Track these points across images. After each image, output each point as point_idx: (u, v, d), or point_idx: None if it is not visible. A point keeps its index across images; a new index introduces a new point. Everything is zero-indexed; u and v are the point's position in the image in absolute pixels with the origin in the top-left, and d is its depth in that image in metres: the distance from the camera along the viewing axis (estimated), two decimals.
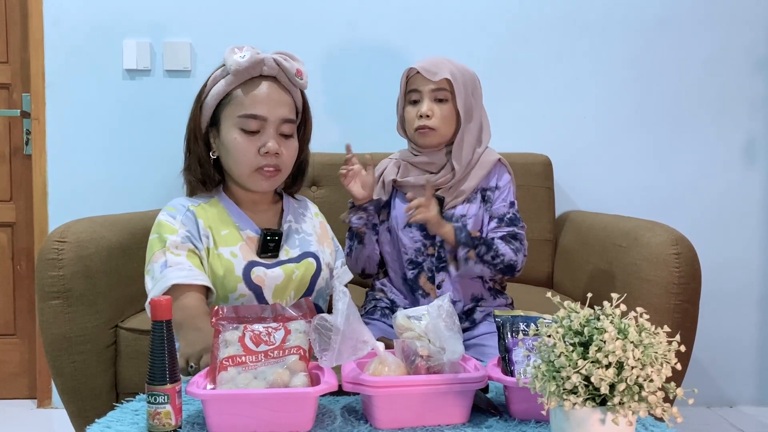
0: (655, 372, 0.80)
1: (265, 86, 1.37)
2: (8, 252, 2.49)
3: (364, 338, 1.00)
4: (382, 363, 1.01)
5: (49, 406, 2.43)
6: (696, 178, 2.47)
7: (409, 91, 1.59)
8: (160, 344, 0.94)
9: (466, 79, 1.58)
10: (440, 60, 1.58)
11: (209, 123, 1.41)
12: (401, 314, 1.12)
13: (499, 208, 1.60)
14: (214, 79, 1.39)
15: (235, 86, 1.37)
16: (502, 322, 1.12)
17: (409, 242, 1.60)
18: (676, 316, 1.60)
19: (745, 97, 2.46)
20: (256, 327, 1.03)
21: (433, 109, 1.55)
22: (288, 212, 1.50)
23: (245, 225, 1.41)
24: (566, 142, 2.45)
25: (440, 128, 1.56)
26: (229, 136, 1.36)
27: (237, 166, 1.38)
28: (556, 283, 2.25)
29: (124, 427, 0.96)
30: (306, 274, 1.43)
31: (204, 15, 2.38)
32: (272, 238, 1.40)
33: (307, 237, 1.50)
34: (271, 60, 1.37)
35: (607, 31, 2.44)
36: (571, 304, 0.88)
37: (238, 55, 1.34)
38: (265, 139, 1.36)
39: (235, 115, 1.36)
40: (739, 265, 2.47)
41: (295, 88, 1.43)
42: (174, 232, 1.34)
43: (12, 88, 2.46)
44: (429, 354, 1.02)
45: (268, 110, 1.36)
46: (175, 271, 1.29)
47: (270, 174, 1.38)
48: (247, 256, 1.37)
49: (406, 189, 1.61)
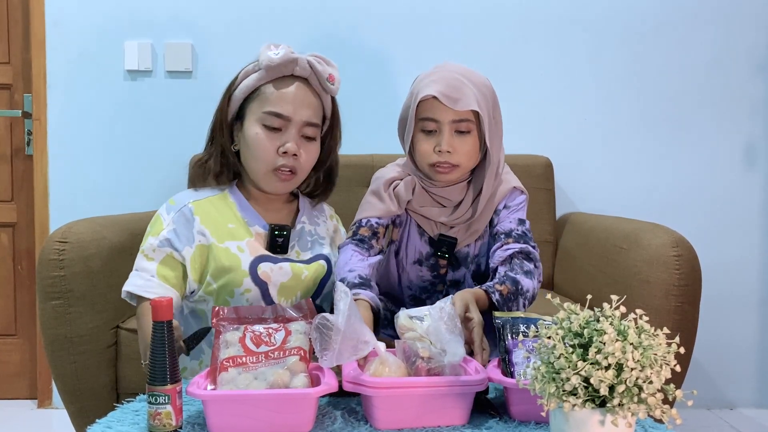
0: (654, 374, 0.80)
1: (295, 86, 1.36)
2: (9, 252, 2.49)
3: (366, 338, 0.99)
4: (383, 363, 1.01)
5: (50, 406, 2.43)
6: (697, 180, 2.47)
7: (423, 119, 1.34)
8: (160, 345, 0.94)
9: (489, 104, 1.35)
10: (459, 80, 1.32)
11: (235, 116, 1.41)
12: (403, 314, 1.11)
13: (504, 225, 1.40)
14: (246, 72, 1.38)
15: (265, 82, 1.36)
16: (502, 323, 1.12)
17: (416, 279, 1.46)
18: (677, 317, 1.60)
19: (745, 100, 2.46)
20: (257, 328, 1.03)
21: (454, 144, 1.33)
22: (303, 213, 1.48)
23: (254, 221, 1.40)
24: (567, 143, 2.45)
25: (462, 164, 1.35)
26: (251, 131, 1.36)
27: (255, 162, 1.37)
28: (557, 285, 2.25)
29: (124, 427, 0.96)
30: (316, 277, 1.41)
31: (205, 16, 2.38)
32: (280, 233, 1.39)
33: (320, 240, 1.48)
34: (305, 61, 1.36)
35: (608, 33, 2.44)
36: (571, 306, 0.88)
37: (273, 52, 1.34)
38: (286, 138, 1.35)
39: (260, 110, 1.35)
40: (740, 267, 2.47)
41: (326, 93, 1.42)
42: (158, 232, 1.33)
43: (13, 89, 2.46)
44: (430, 356, 1.01)
45: (293, 110, 1.35)
46: (135, 278, 1.31)
47: (285, 177, 1.37)
48: (254, 251, 1.35)
49: (417, 217, 1.45)
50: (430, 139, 1.35)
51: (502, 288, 1.28)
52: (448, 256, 1.42)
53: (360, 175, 2.24)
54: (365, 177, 1.60)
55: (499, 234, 1.39)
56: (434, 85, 1.31)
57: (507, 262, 1.34)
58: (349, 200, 1.85)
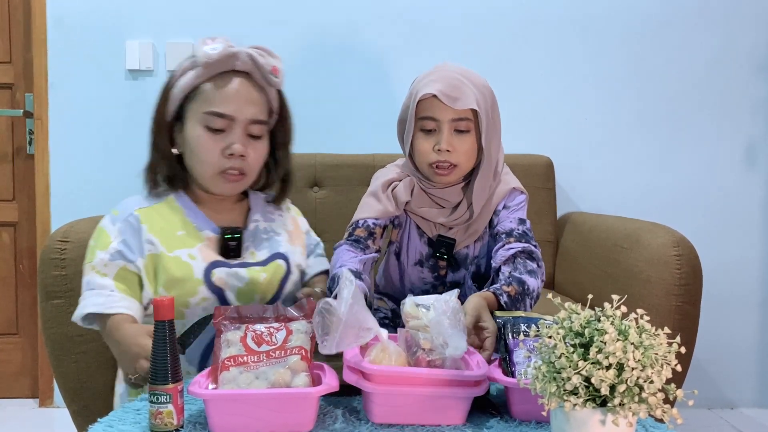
0: (655, 373, 0.80)
1: (236, 83, 1.27)
2: (11, 251, 2.49)
3: (368, 325, 0.99)
4: (384, 351, 1.01)
5: (51, 405, 2.44)
6: (697, 180, 2.47)
7: (423, 118, 1.34)
8: (162, 344, 0.94)
9: (488, 104, 1.35)
10: (459, 80, 1.33)
11: (174, 117, 1.32)
12: (410, 301, 1.08)
13: (505, 224, 1.39)
14: (183, 70, 1.29)
15: (204, 80, 1.27)
16: (503, 322, 1.12)
17: (417, 281, 1.46)
18: (677, 317, 1.60)
19: (746, 99, 2.46)
20: (258, 327, 1.03)
21: (453, 143, 1.33)
22: (255, 210, 1.40)
23: (204, 225, 1.31)
24: (568, 143, 2.45)
25: (462, 164, 1.35)
26: (193, 133, 1.27)
27: (200, 165, 1.29)
28: (558, 285, 2.25)
29: (126, 426, 0.96)
30: (274, 278, 1.33)
31: (207, 15, 2.38)
32: (232, 237, 1.31)
33: (276, 237, 1.39)
34: (245, 55, 1.27)
35: (609, 32, 2.44)
36: (571, 306, 0.88)
37: (210, 47, 1.25)
38: (231, 139, 1.26)
39: (201, 111, 1.26)
40: (741, 267, 2.48)
41: (270, 87, 1.33)
42: (106, 246, 1.25)
43: (15, 88, 2.46)
44: (431, 347, 1.01)
45: (237, 109, 1.26)
46: (93, 296, 1.21)
47: (234, 178, 1.29)
48: (207, 257, 1.27)
49: (417, 218, 1.45)
50: (430, 138, 1.35)
51: (509, 289, 1.27)
52: (447, 257, 1.42)
53: (361, 175, 2.24)
54: (366, 177, 1.60)
55: (500, 234, 1.38)
56: (434, 84, 1.31)
57: (510, 262, 1.33)
58: (350, 200, 1.85)
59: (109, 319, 1.19)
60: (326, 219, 2.23)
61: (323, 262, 1.49)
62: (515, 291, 1.27)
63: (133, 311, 1.22)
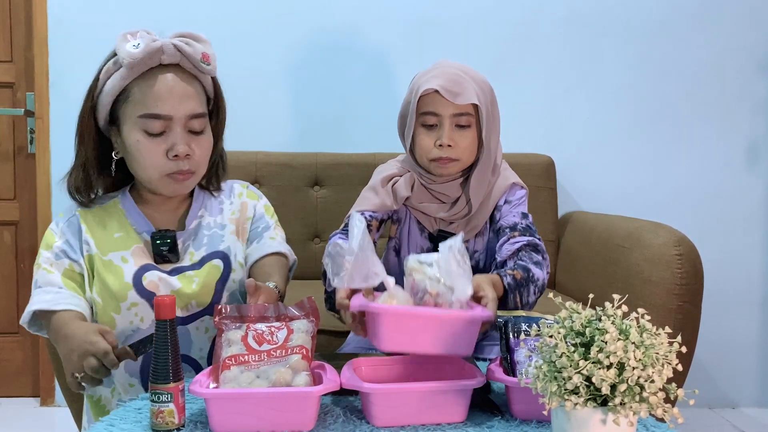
0: (656, 373, 0.80)
1: (167, 78, 1.18)
2: (12, 250, 2.50)
3: (376, 270, 1.01)
4: (391, 296, 1.03)
5: (52, 404, 2.44)
6: (698, 180, 2.47)
7: (424, 113, 1.35)
8: (163, 343, 0.94)
9: (488, 99, 1.37)
10: (459, 75, 1.34)
11: (108, 121, 1.23)
12: (413, 258, 1.07)
13: (508, 219, 1.40)
14: (107, 71, 1.20)
15: (132, 80, 1.18)
16: (504, 322, 1.12)
17: None
18: (678, 316, 1.60)
19: (747, 99, 2.46)
20: (259, 326, 1.03)
21: (454, 137, 1.34)
22: (200, 206, 1.31)
23: (142, 227, 1.26)
24: (569, 142, 2.45)
25: (462, 158, 1.36)
26: (131, 139, 1.19)
27: (143, 171, 1.21)
28: (559, 284, 2.25)
29: (127, 425, 0.96)
30: (208, 281, 1.25)
31: (208, 15, 2.38)
32: (163, 241, 1.23)
33: (219, 231, 1.30)
34: (171, 46, 1.17)
35: (610, 32, 2.44)
36: (572, 305, 0.88)
37: (131, 44, 1.15)
38: (173, 140, 1.18)
39: (135, 114, 1.17)
40: (742, 267, 2.47)
41: (204, 75, 1.23)
42: (50, 246, 1.22)
43: (16, 87, 2.46)
44: (438, 292, 1.03)
45: (173, 107, 1.17)
46: (41, 294, 1.17)
47: (183, 177, 1.21)
48: (139, 261, 1.22)
49: (417, 214, 1.45)
50: (431, 133, 1.36)
51: (514, 272, 1.28)
52: None
53: (362, 173, 2.23)
54: (367, 175, 1.59)
55: (504, 228, 1.39)
56: (435, 80, 1.33)
57: (515, 255, 1.34)
58: (350, 199, 1.84)
59: (56, 316, 1.15)
60: (327, 218, 2.23)
61: (269, 245, 1.33)
62: (520, 276, 1.28)
63: (82, 309, 1.18)
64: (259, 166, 2.26)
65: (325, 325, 1.71)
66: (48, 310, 1.16)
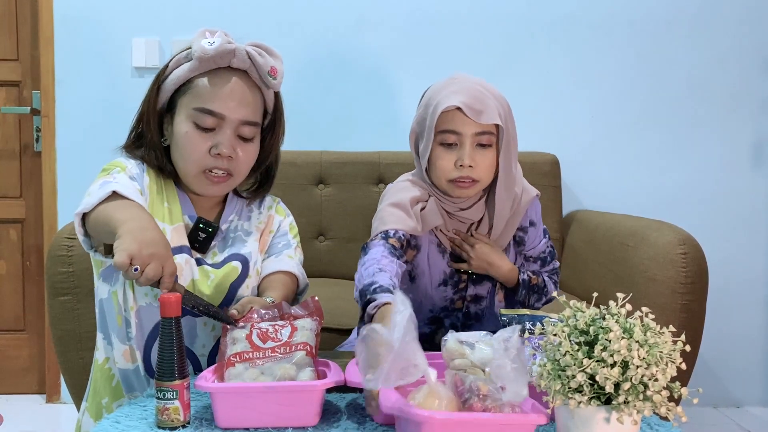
0: (660, 371, 0.80)
1: (232, 81, 1.20)
2: (18, 248, 2.51)
3: (416, 362, 0.85)
4: (433, 395, 0.86)
5: (58, 401, 2.45)
6: (703, 178, 2.46)
7: (443, 131, 1.28)
8: (169, 341, 0.94)
9: (508, 117, 1.31)
10: (481, 92, 1.28)
11: (165, 108, 1.26)
12: (453, 338, 0.96)
13: (538, 248, 1.42)
14: (178, 61, 1.23)
15: (199, 74, 1.21)
16: (508, 320, 1.13)
17: (439, 300, 1.38)
18: (683, 315, 1.60)
19: (753, 97, 2.45)
20: (263, 325, 1.04)
21: (476, 158, 1.27)
22: (232, 211, 1.32)
23: (187, 210, 1.26)
24: (574, 141, 2.45)
25: (482, 179, 1.30)
26: (181, 128, 1.21)
27: (184, 162, 1.22)
28: (563, 282, 2.25)
29: (132, 422, 0.97)
30: (224, 281, 1.24)
31: (213, 13, 2.39)
32: (204, 229, 1.24)
33: (245, 236, 1.31)
34: (243, 52, 1.20)
35: (616, 29, 2.44)
36: (576, 304, 0.88)
37: (207, 41, 1.18)
38: (220, 139, 1.19)
39: (192, 106, 1.20)
40: (747, 265, 2.47)
41: (267, 88, 1.26)
42: (124, 168, 1.20)
43: (22, 86, 2.48)
44: (486, 394, 0.86)
45: (228, 108, 1.19)
46: (119, 185, 1.12)
47: (218, 179, 1.21)
48: (176, 240, 1.21)
49: (442, 237, 1.37)
50: (451, 153, 1.28)
51: (533, 276, 1.38)
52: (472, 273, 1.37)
53: (366, 172, 2.25)
54: (371, 174, 1.60)
55: (535, 259, 1.44)
56: (456, 96, 1.26)
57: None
58: (355, 198, 1.86)
59: (130, 202, 1.10)
60: (331, 216, 2.24)
61: (285, 263, 1.33)
62: (536, 281, 1.37)
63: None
64: None
65: (329, 323, 1.72)
66: (126, 196, 1.10)
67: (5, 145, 2.49)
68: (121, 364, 1.22)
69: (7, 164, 2.49)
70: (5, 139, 2.49)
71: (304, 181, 2.26)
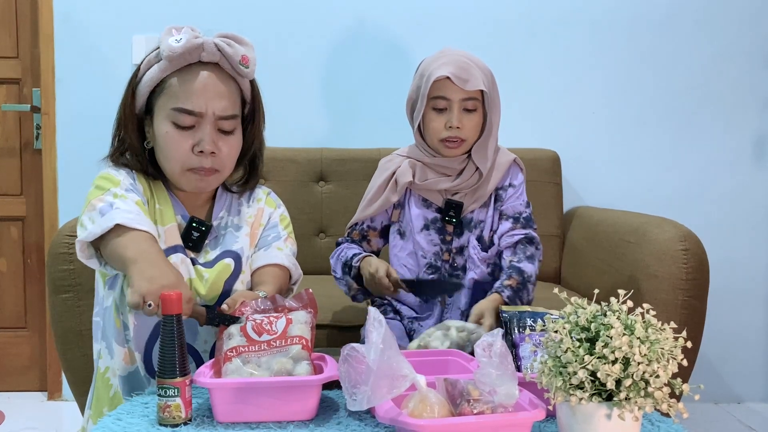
0: (661, 368, 0.80)
1: (203, 76, 1.20)
2: (19, 246, 2.51)
3: (403, 372, 0.86)
4: (424, 401, 0.88)
5: (59, 398, 2.45)
6: (704, 175, 2.46)
7: (435, 98, 1.47)
8: (170, 338, 0.95)
9: (491, 84, 1.50)
10: (467, 63, 1.47)
11: (144, 111, 1.26)
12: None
13: (515, 206, 1.54)
14: (148, 62, 1.23)
15: (170, 73, 1.21)
16: (509, 317, 1.13)
17: (427, 245, 1.53)
18: (684, 312, 1.60)
19: (754, 94, 2.44)
20: (258, 317, 1.04)
21: (463, 120, 1.47)
22: (221, 208, 1.33)
23: (178, 210, 1.27)
24: (574, 137, 2.44)
25: (469, 139, 1.50)
26: (161, 129, 1.21)
27: (168, 162, 1.23)
28: (564, 279, 2.25)
29: (134, 419, 0.97)
30: (218, 279, 1.25)
31: (213, 9, 2.38)
32: (198, 228, 1.26)
33: (235, 232, 1.32)
34: (212, 45, 1.19)
35: (616, 26, 2.43)
36: (578, 300, 0.88)
37: (174, 39, 1.18)
38: (200, 136, 1.20)
39: (168, 107, 1.20)
40: (747, 262, 2.47)
41: (241, 77, 1.25)
42: (117, 183, 1.20)
43: (22, 84, 2.47)
44: (478, 397, 0.89)
45: (205, 104, 1.19)
46: (121, 213, 1.12)
47: (205, 173, 1.22)
48: (170, 240, 1.22)
49: (422, 192, 1.54)
50: (441, 116, 1.48)
51: (510, 282, 1.44)
52: (456, 220, 1.52)
53: (367, 169, 2.23)
54: (372, 171, 1.59)
55: (508, 216, 1.54)
56: (446, 67, 1.45)
57: (511, 248, 1.52)
58: (355, 194, 1.84)
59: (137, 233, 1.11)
60: (332, 213, 2.23)
61: (274, 255, 1.33)
62: (516, 282, 1.45)
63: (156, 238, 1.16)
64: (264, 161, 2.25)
65: (332, 320, 1.72)
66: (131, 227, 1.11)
67: (6, 142, 2.49)
68: (121, 371, 1.22)
69: (8, 162, 2.49)
70: (5, 137, 2.49)
71: (305, 178, 2.26)
